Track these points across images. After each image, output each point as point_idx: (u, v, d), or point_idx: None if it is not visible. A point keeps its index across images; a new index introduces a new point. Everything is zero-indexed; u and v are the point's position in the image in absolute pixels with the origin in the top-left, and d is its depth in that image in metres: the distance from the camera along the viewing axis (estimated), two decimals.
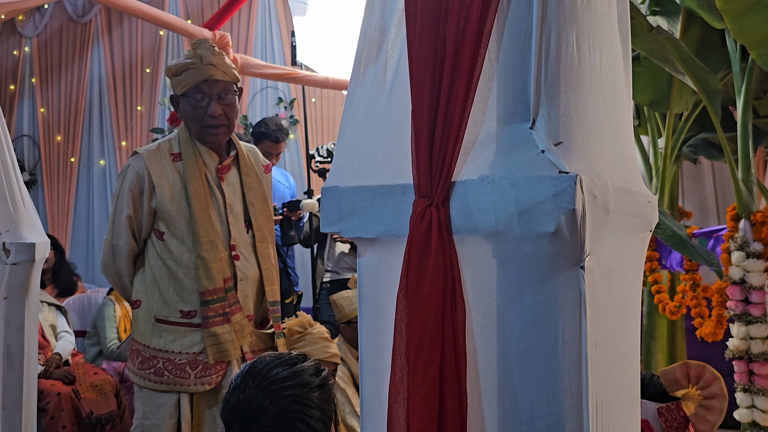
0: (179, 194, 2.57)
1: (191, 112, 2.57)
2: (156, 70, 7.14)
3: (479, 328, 1.28)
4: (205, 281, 2.53)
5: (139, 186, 2.57)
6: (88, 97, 7.35)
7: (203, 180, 2.60)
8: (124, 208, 2.57)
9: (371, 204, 1.39)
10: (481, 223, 1.27)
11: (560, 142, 1.26)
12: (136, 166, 2.58)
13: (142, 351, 2.58)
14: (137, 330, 2.62)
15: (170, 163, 2.60)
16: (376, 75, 1.42)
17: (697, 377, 2.06)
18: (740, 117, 3.80)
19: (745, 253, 3.67)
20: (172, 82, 2.60)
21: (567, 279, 1.24)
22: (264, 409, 1.68)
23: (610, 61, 1.41)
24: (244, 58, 5.54)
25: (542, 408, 1.24)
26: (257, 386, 1.71)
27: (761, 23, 3.39)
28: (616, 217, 1.33)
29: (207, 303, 2.54)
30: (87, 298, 5.38)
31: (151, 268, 2.59)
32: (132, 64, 7.23)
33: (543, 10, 1.28)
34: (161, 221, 2.58)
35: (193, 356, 2.55)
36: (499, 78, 1.31)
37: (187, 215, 2.56)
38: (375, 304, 1.41)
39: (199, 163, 2.60)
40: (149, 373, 2.56)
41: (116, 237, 2.59)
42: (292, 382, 1.72)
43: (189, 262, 2.55)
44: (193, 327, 2.56)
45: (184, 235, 2.56)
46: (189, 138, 2.62)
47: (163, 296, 2.57)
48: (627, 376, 1.42)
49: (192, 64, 2.54)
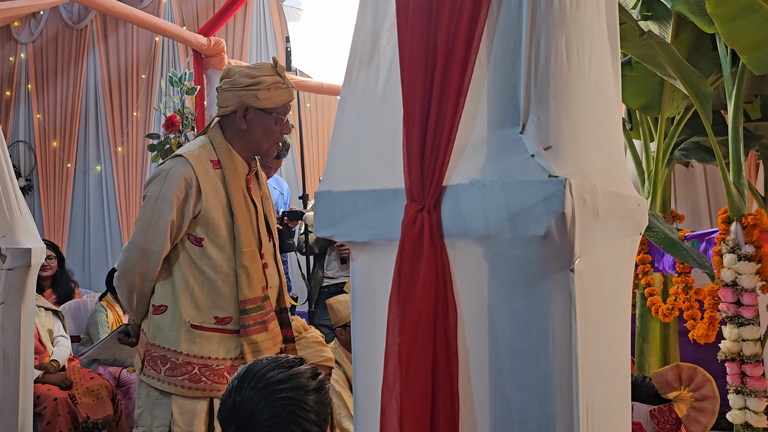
0: (221, 202, 2.56)
1: (269, 128, 2.59)
2: (151, 76, 7.16)
3: (471, 331, 1.30)
4: (247, 290, 2.54)
5: (185, 190, 2.51)
6: (83, 102, 7.37)
7: (244, 189, 2.62)
8: (167, 211, 2.49)
9: (364, 208, 1.40)
10: (472, 227, 1.29)
11: (550, 147, 1.27)
12: (182, 170, 2.52)
13: (171, 357, 2.53)
14: (162, 336, 2.55)
15: (212, 170, 2.57)
16: (368, 80, 1.44)
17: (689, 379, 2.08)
18: (731, 121, 3.83)
19: (736, 256, 3.69)
20: (257, 94, 2.54)
21: (557, 281, 1.25)
22: (259, 411, 1.69)
23: (600, 66, 1.43)
24: (239, 64, 5.55)
25: (533, 409, 1.26)
26: (253, 388, 1.72)
27: (751, 28, 3.42)
28: (606, 220, 1.35)
29: (247, 311, 2.55)
30: (83, 303, 5.39)
31: (183, 274, 2.55)
32: (127, 70, 7.25)
33: (533, 16, 1.30)
34: (201, 227, 2.54)
35: (231, 362, 2.56)
36: (490, 83, 1.33)
37: (228, 223, 2.55)
38: (368, 307, 1.42)
39: (238, 173, 2.61)
40: (182, 379, 2.51)
41: (150, 241, 2.51)
42: (288, 384, 1.73)
43: (228, 270, 2.55)
44: (228, 333, 2.56)
45: (225, 243, 2.55)
46: (228, 147, 2.61)
47: (196, 302, 2.54)
48: (618, 377, 1.43)
49: (279, 84, 2.57)
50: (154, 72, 7.17)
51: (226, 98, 2.58)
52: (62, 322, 4.62)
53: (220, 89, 2.62)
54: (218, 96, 2.63)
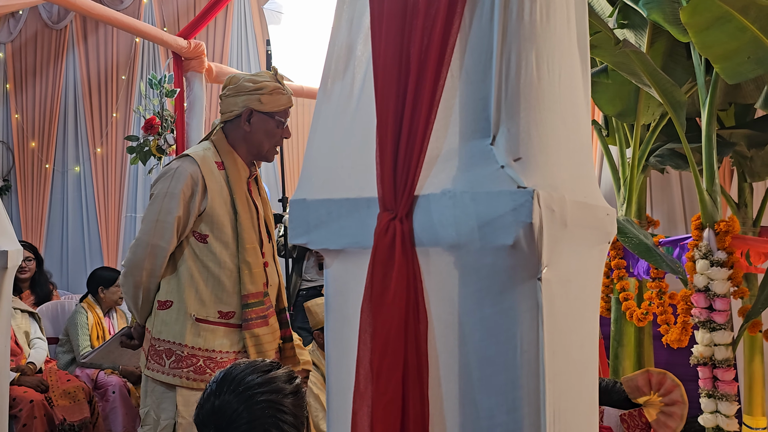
0: (226, 200, 2.67)
1: (271, 130, 2.74)
2: (131, 77, 7.14)
3: (441, 338, 1.33)
4: (249, 285, 2.66)
5: (192, 187, 2.63)
6: (63, 103, 7.33)
7: (246, 190, 2.74)
8: (174, 208, 2.60)
9: (337, 216, 1.43)
10: (443, 236, 1.31)
11: (519, 158, 1.30)
12: (189, 168, 2.64)
13: (176, 350, 2.62)
14: (168, 330, 2.64)
15: (217, 170, 2.69)
16: (343, 91, 1.46)
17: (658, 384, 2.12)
18: (704, 128, 3.88)
19: (709, 262, 3.75)
20: (261, 98, 2.68)
21: (525, 290, 1.28)
22: (239, 415, 1.72)
23: (569, 78, 1.46)
24: (220, 67, 5.56)
25: (501, 415, 1.29)
26: (232, 392, 1.76)
27: (724, 38, 3.47)
28: (574, 230, 1.38)
29: (249, 306, 2.66)
30: (60, 305, 5.37)
31: (188, 269, 2.65)
32: (107, 71, 7.23)
33: (503, 30, 1.33)
34: (205, 224, 2.65)
35: (234, 355, 2.65)
36: (461, 95, 1.36)
37: (232, 221, 2.67)
38: (341, 314, 1.45)
39: (241, 175, 2.73)
40: (187, 371, 2.60)
41: (158, 237, 2.61)
42: (266, 388, 1.77)
43: (232, 265, 2.66)
44: (231, 327, 2.66)
45: (229, 239, 2.66)
46: (230, 150, 2.74)
47: (200, 297, 2.64)
48: (585, 383, 1.46)
49: (280, 89, 2.72)
50: (134, 73, 7.14)
51: (232, 103, 2.72)
52: (39, 324, 4.60)
53: (225, 96, 2.75)
54: (222, 103, 2.76)
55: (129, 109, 7.08)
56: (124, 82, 7.15)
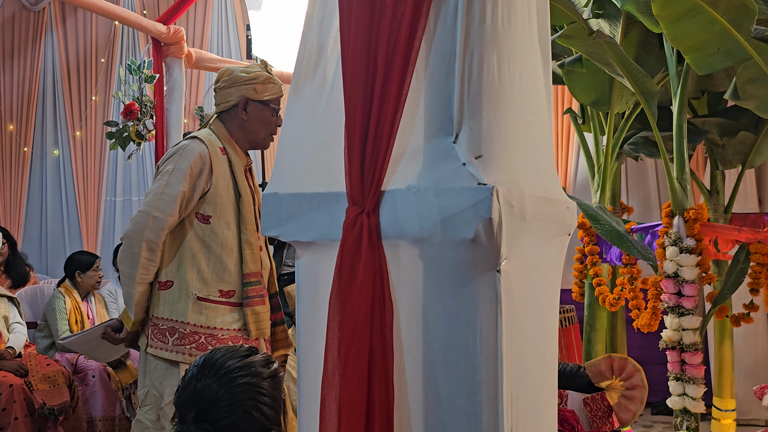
0: (228, 183, 2.77)
1: (267, 118, 2.84)
2: (111, 61, 7.12)
3: (406, 326, 1.39)
4: (251, 264, 2.76)
5: (200, 165, 2.71)
6: (41, 86, 7.29)
7: (244, 176, 2.84)
8: (180, 183, 2.68)
9: (308, 210, 1.49)
10: (408, 230, 1.38)
11: (480, 156, 1.37)
12: (198, 147, 2.73)
13: (179, 328, 2.69)
14: (171, 309, 2.72)
15: (221, 154, 2.79)
16: (313, 90, 1.52)
17: (620, 369, 2.20)
18: (675, 118, 3.97)
19: (678, 248, 3.85)
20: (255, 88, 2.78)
21: (485, 281, 1.35)
22: (219, 398, 1.81)
23: (531, 78, 1.52)
24: (199, 53, 5.57)
25: (462, 399, 1.36)
26: (213, 376, 1.84)
27: (695, 29, 3.55)
28: (533, 223, 1.45)
29: (250, 284, 2.76)
30: (39, 289, 5.39)
31: (191, 249, 2.73)
32: (86, 54, 7.20)
33: (466, 34, 1.39)
34: (208, 205, 2.74)
35: (234, 332, 2.74)
36: (426, 95, 1.42)
37: (234, 203, 2.77)
38: (312, 303, 1.51)
39: (240, 160, 2.83)
40: (190, 348, 2.68)
41: (160, 210, 2.67)
42: (245, 372, 1.86)
43: (233, 245, 2.75)
44: (232, 305, 2.75)
45: (231, 220, 2.76)
46: (228, 137, 2.83)
47: (202, 276, 2.72)
48: (543, 369, 1.54)
49: (271, 79, 2.83)
50: (113, 56, 7.12)
51: (227, 94, 2.82)
52: (18, 308, 4.62)
53: (220, 88, 2.84)
54: (218, 94, 2.86)
55: (108, 92, 7.06)
56: (103, 65, 7.13)
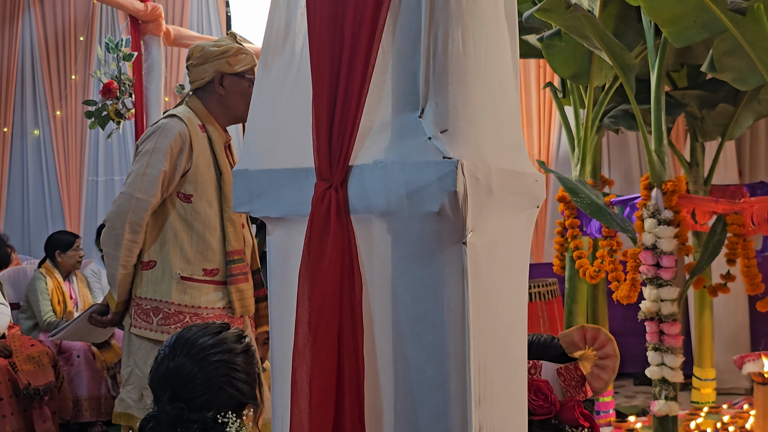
0: (209, 161, 2.75)
1: (245, 90, 2.77)
2: (90, 39, 7.06)
3: (375, 299, 1.42)
4: (234, 242, 2.76)
5: (180, 144, 2.69)
6: (20, 64, 7.22)
7: (226, 152, 2.83)
8: (161, 162, 2.66)
9: (278, 186, 1.50)
10: (375, 204, 1.40)
11: (446, 130, 1.39)
12: (178, 126, 2.71)
13: (163, 308, 2.70)
14: (155, 289, 2.71)
15: (200, 131, 2.76)
16: (281, 66, 1.53)
17: (592, 339, 2.23)
18: (653, 91, 3.99)
19: (656, 221, 3.89)
20: (229, 61, 2.74)
21: (452, 254, 1.37)
22: (194, 376, 1.81)
23: (497, 53, 1.53)
24: (178, 30, 5.53)
25: (430, 369, 1.39)
26: (186, 354, 1.84)
27: (671, 2, 3.57)
28: (500, 196, 1.47)
29: (233, 262, 2.76)
30: (22, 270, 5.39)
31: (173, 229, 2.72)
32: (65, 32, 7.13)
33: (431, 9, 1.40)
34: (189, 184, 2.72)
35: (219, 311, 2.75)
36: (393, 70, 1.43)
37: (215, 181, 2.75)
38: (283, 278, 1.53)
39: (220, 137, 2.81)
40: (175, 327, 2.67)
41: (142, 191, 2.66)
42: (218, 348, 1.86)
43: (216, 223, 2.75)
44: (216, 284, 2.76)
45: (212, 198, 2.75)
46: (207, 114, 2.79)
47: (185, 255, 2.72)
48: (512, 339, 1.57)
49: (242, 50, 2.79)
50: (92, 34, 7.06)
51: (201, 70, 2.77)
52: (0, 290, 4.63)
53: (192, 65, 2.80)
54: (191, 72, 2.81)
55: (88, 71, 7.01)
56: (82, 43, 7.07)
